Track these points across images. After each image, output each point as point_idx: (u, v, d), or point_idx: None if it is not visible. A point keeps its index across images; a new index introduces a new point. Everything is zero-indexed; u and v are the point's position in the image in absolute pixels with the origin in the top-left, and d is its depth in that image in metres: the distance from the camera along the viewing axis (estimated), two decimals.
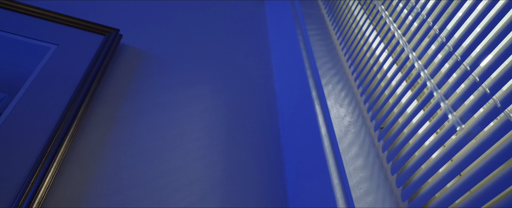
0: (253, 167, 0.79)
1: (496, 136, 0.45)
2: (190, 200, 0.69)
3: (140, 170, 0.71)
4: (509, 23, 0.47)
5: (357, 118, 0.74)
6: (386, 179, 0.61)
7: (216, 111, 0.90)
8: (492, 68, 0.48)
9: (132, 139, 0.76)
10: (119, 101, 0.84)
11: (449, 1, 0.60)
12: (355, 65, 0.87)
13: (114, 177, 0.69)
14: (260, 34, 1.30)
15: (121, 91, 0.87)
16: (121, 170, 0.70)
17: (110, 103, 0.83)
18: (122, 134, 0.77)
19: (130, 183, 0.68)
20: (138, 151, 0.75)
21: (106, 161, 0.71)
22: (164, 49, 1.04)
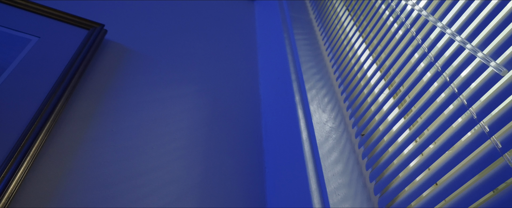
0: (233, 169, 0.78)
1: (472, 147, 0.46)
2: (167, 200, 0.68)
3: (117, 168, 0.69)
4: (488, 36, 0.48)
5: (339, 124, 0.74)
6: (365, 186, 0.62)
7: (199, 112, 0.89)
8: (470, 79, 0.48)
9: (111, 136, 0.75)
10: (100, 97, 0.82)
11: (433, 11, 0.61)
12: (340, 71, 0.88)
13: (90, 174, 0.67)
14: (248, 35, 1.29)
15: (103, 87, 0.85)
16: (98, 167, 0.68)
17: (90, 99, 0.81)
18: (101, 130, 0.75)
19: (106, 181, 0.67)
20: (116, 149, 0.73)
21: (83, 157, 0.69)
22: (150, 47, 1.03)
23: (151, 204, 0.66)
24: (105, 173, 0.68)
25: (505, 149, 0.40)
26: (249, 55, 1.18)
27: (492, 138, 0.43)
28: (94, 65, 0.90)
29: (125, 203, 0.65)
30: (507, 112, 0.41)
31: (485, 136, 0.43)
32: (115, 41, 1.00)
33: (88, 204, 0.62)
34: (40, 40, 0.89)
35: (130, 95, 0.86)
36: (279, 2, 1.20)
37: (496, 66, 0.44)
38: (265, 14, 1.30)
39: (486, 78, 0.46)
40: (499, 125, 0.42)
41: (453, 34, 0.54)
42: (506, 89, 0.42)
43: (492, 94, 0.44)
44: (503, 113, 0.42)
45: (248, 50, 1.21)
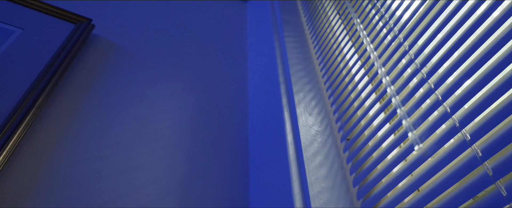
0: (217, 170, 0.77)
1: (453, 154, 0.46)
2: (148, 199, 0.67)
3: (98, 166, 0.68)
4: (473, 45, 0.48)
5: (325, 127, 0.74)
6: (348, 191, 0.61)
7: (185, 111, 0.88)
8: (454, 87, 0.49)
9: (93, 132, 0.73)
10: (83, 93, 0.80)
11: (420, 19, 0.61)
12: (328, 74, 0.88)
13: (70, 171, 0.65)
14: (238, 36, 1.29)
15: (88, 82, 0.83)
16: (77, 164, 0.67)
17: (74, 94, 0.79)
18: (83, 126, 0.73)
19: (86, 179, 0.65)
20: (98, 146, 0.71)
21: (63, 154, 0.68)
22: (138, 44, 1.01)
23: (132, 203, 0.65)
24: (85, 170, 0.66)
25: (485, 157, 0.40)
26: (239, 56, 1.18)
27: (473, 146, 0.43)
28: (79, 60, 0.88)
29: (104, 201, 0.64)
30: (488, 121, 0.41)
31: (466, 144, 0.44)
32: (102, 37, 0.98)
33: (66, 201, 0.61)
34: (24, 32, 0.86)
35: (115, 92, 0.84)
36: (271, 4, 1.20)
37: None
38: (257, 15, 1.30)
39: (469, 86, 0.46)
40: (480, 133, 0.42)
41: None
42: (488, 98, 0.43)
43: (474, 103, 0.45)
44: (484, 122, 0.42)
45: (238, 51, 1.20)
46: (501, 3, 0.45)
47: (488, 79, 0.43)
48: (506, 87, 0.41)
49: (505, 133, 0.39)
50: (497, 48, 0.43)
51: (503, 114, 0.40)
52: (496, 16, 0.45)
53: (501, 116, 0.40)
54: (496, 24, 0.45)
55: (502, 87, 0.41)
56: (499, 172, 0.38)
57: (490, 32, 0.46)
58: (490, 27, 0.46)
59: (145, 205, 0.65)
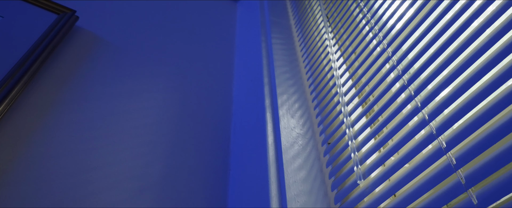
0: (197, 169, 0.76)
1: (429, 161, 0.46)
2: (124, 196, 0.65)
3: (74, 160, 0.66)
4: (453, 54, 0.49)
5: (307, 130, 0.73)
6: (326, 195, 0.61)
7: (168, 108, 0.87)
8: (433, 95, 0.49)
9: (69, 126, 0.71)
10: (63, 85, 0.78)
11: (403, 27, 0.62)
12: (313, 77, 0.88)
13: (44, 164, 0.63)
14: (227, 36, 1.28)
15: (67, 75, 0.81)
16: (52, 157, 0.65)
17: (52, 86, 0.77)
18: (59, 119, 0.71)
19: (60, 173, 0.63)
20: (75, 140, 0.70)
21: (37, 146, 0.65)
22: (123, 38, 0.99)
23: (107, 199, 0.63)
24: (58, 164, 0.64)
25: (458, 165, 0.41)
26: (226, 56, 1.17)
27: (448, 154, 0.43)
28: (60, 52, 0.86)
29: (78, 196, 0.62)
30: (464, 130, 0.42)
31: (441, 152, 0.44)
32: (86, 29, 0.96)
33: (37, 196, 0.59)
34: (3, 20, 0.84)
35: (96, 85, 0.82)
36: (260, 5, 1.20)
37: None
38: (246, 16, 1.29)
39: (447, 95, 0.47)
40: (455, 141, 0.42)
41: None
42: (465, 107, 0.43)
43: (451, 111, 0.45)
44: (459, 130, 0.43)
45: (225, 50, 1.19)
46: (481, 14, 0.46)
47: (466, 88, 0.44)
48: (482, 96, 0.41)
49: (479, 142, 0.39)
50: (475, 58, 0.44)
51: (478, 123, 0.40)
52: (476, 26, 0.46)
53: (476, 125, 0.40)
54: (475, 34, 0.46)
55: (479, 97, 0.42)
56: (471, 181, 0.39)
57: (469, 42, 0.46)
58: (469, 38, 0.46)
59: (120, 202, 0.63)
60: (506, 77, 0.39)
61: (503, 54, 0.40)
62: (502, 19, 0.53)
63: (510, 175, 0.36)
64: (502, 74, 0.39)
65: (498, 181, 0.36)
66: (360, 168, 0.63)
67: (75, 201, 0.61)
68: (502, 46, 0.41)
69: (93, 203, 0.62)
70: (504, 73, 0.39)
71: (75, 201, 0.61)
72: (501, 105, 0.38)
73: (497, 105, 0.39)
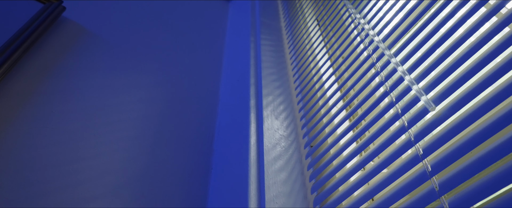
0: (178, 167, 0.75)
1: (406, 167, 0.47)
2: (102, 190, 0.64)
3: (52, 151, 0.65)
4: (434, 63, 0.49)
5: (290, 132, 0.74)
6: (305, 197, 0.62)
7: (152, 104, 0.86)
8: (413, 102, 0.50)
9: (49, 117, 0.70)
10: (44, 75, 0.77)
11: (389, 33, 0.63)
12: (300, 80, 0.88)
13: (20, 156, 0.62)
14: (217, 35, 1.27)
15: (50, 65, 0.79)
16: (27, 148, 0.63)
17: (33, 76, 0.75)
18: (38, 110, 0.70)
19: (37, 164, 0.62)
20: (54, 131, 0.68)
21: (14, 136, 0.64)
22: (110, 31, 0.98)
23: (84, 192, 0.62)
24: (34, 155, 0.63)
25: (433, 172, 0.42)
26: (215, 55, 1.17)
27: (424, 161, 0.44)
28: (45, 42, 0.84)
29: (54, 188, 0.61)
30: (440, 137, 0.43)
31: (418, 159, 0.45)
32: (73, 20, 0.94)
33: (15, 186, 0.57)
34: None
35: (79, 77, 0.81)
36: (252, 5, 1.20)
37: (427, 101, 0.46)
38: (237, 16, 1.29)
39: (420, 108, 0.48)
40: (432, 149, 0.43)
41: (396, 63, 0.56)
42: (443, 115, 0.44)
43: (430, 119, 0.46)
44: (436, 138, 0.43)
45: (214, 50, 1.19)
46: (463, 24, 0.47)
47: (445, 96, 0.45)
48: (460, 105, 0.42)
49: (453, 150, 0.40)
50: (455, 67, 0.45)
51: (454, 131, 0.41)
52: (458, 36, 0.47)
53: (451, 133, 0.41)
54: (456, 45, 0.47)
55: (456, 106, 0.42)
56: (444, 188, 0.39)
57: (451, 51, 0.47)
58: (449, 48, 0.47)
59: (100, 195, 0.62)
60: (482, 88, 0.40)
61: (481, 65, 0.41)
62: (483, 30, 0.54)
63: (480, 183, 0.36)
64: (479, 85, 0.40)
65: (470, 189, 0.37)
66: (340, 172, 0.64)
67: (50, 193, 0.60)
68: (481, 57, 0.42)
69: (69, 196, 0.61)
70: (480, 84, 0.40)
71: (50, 193, 0.60)
72: (476, 114, 0.39)
73: (472, 114, 0.40)
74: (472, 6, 0.47)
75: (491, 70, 0.40)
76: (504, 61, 0.39)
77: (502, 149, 0.35)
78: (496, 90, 0.38)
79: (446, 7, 0.52)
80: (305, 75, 0.88)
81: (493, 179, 0.36)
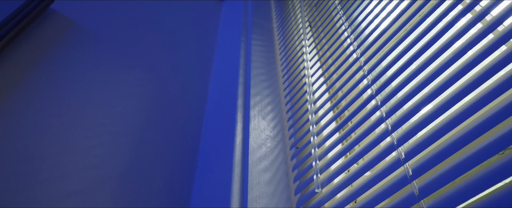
0: (163, 164, 0.75)
1: (388, 170, 0.47)
2: (82, 186, 0.63)
3: (30, 145, 0.63)
4: (417, 69, 0.50)
5: (277, 133, 0.74)
6: (288, 199, 0.61)
7: (139, 100, 0.85)
8: (397, 106, 0.50)
9: (31, 110, 0.68)
10: (28, 67, 0.75)
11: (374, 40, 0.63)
12: (289, 81, 0.88)
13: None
14: (209, 34, 1.27)
15: (35, 57, 0.78)
16: (6, 141, 0.62)
17: (17, 67, 0.74)
18: (21, 102, 0.68)
19: (13, 157, 0.61)
20: (36, 124, 0.67)
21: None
22: (100, 25, 0.97)
23: (63, 187, 0.61)
24: (15, 148, 0.62)
25: (414, 176, 0.42)
26: (206, 53, 1.16)
27: (406, 165, 0.44)
28: (30, 34, 0.82)
29: (31, 183, 0.59)
30: (422, 142, 0.43)
31: (400, 162, 0.45)
32: (61, 13, 0.92)
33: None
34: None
35: (65, 71, 0.80)
36: (244, 5, 1.20)
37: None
38: (230, 15, 1.29)
39: (411, 107, 0.48)
40: (413, 153, 0.43)
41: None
42: (425, 120, 0.44)
43: (412, 124, 0.46)
44: (418, 143, 0.44)
45: (205, 48, 1.18)
46: (449, 30, 0.48)
47: (427, 102, 0.45)
48: (442, 110, 0.42)
49: (434, 155, 0.40)
50: (438, 74, 0.45)
51: (435, 136, 0.41)
52: (443, 41, 0.48)
53: (433, 138, 0.42)
54: (441, 50, 0.47)
55: (439, 111, 0.43)
56: (424, 192, 0.40)
57: (434, 57, 0.48)
58: (434, 54, 0.48)
59: (79, 191, 0.61)
60: (464, 93, 0.40)
61: (463, 72, 0.42)
62: (470, 34, 0.55)
63: (459, 188, 0.37)
64: (461, 91, 0.41)
65: (448, 194, 0.38)
66: (319, 177, 0.64)
67: (29, 187, 0.58)
68: (463, 64, 0.42)
69: (47, 191, 0.59)
70: (462, 90, 0.41)
71: (29, 187, 0.58)
72: (457, 120, 0.39)
73: (453, 120, 0.40)
74: (458, 12, 0.47)
75: (473, 77, 0.40)
76: (487, 68, 0.39)
77: (481, 154, 0.36)
78: (477, 97, 0.39)
79: (433, 13, 0.53)
80: (294, 76, 0.88)
81: (471, 184, 0.36)
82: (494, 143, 0.35)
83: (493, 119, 0.36)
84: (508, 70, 0.38)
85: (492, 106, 0.43)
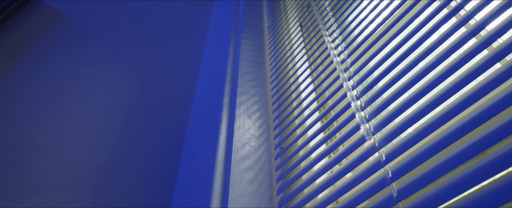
0: (145, 161, 0.73)
1: (369, 172, 0.47)
2: (61, 180, 0.61)
3: (9, 135, 0.62)
4: (401, 72, 0.50)
5: (262, 133, 0.73)
6: (270, 199, 0.61)
7: (125, 95, 0.84)
8: (380, 109, 0.50)
9: (11, 100, 0.67)
10: (10, 57, 0.74)
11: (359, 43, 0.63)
12: (277, 81, 0.88)
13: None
14: (199, 32, 1.26)
15: (19, 48, 0.76)
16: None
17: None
18: (1, 92, 0.67)
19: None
20: (14, 115, 0.65)
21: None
22: (86, 18, 0.95)
23: (41, 181, 0.60)
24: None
25: (393, 179, 0.42)
26: (195, 51, 1.15)
27: (386, 167, 0.44)
28: (13, 23, 0.80)
29: (8, 175, 0.58)
30: (402, 145, 0.43)
31: (380, 164, 0.45)
32: (46, 3, 0.91)
33: None
34: None
35: (48, 62, 0.78)
36: (236, 4, 1.19)
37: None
38: (221, 14, 1.28)
39: (394, 109, 0.48)
40: (393, 156, 0.43)
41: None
42: (406, 123, 0.44)
43: (394, 127, 0.46)
44: (399, 145, 0.44)
45: (195, 46, 1.17)
46: (431, 36, 0.48)
47: (408, 105, 0.45)
48: (423, 113, 0.43)
49: (414, 158, 0.41)
50: (420, 77, 0.46)
51: (414, 139, 0.41)
52: (426, 46, 0.48)
53: (412, 141, 0.42)
54: (423, 55, 0.47)
55: (420, 114, 0.43)
56: (402, 194, 0.40)
57: (417, 61, 0.48)
58: (416, 59, 0.48)
59: (57, 184, 0.60)
60: (444, 97, 0.41)
61: (444, 76, 0.42)
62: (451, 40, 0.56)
63: (436, 191, 0.37)
64: (442, 95, 0.41)
65: (425, 197, 0.38)
66: (307, 174, 0.64)
67: (6, 179, 0.57)
68: (445, 68, 0.43)
69: (25, 183, 0.58)
70: (442, 94, 0.41)
71: (6, 178, 0.57)
72: (437, 123, 0.40)
73: (433, 123, 0.40)
74: (442, 18, 0.48)
75: (454, 81, 0.41)
76: (468, 72, 0.40)
77: (458, 158, 0.36)
78: (457, 101, 0.39)
79: (417, 18, 0.53)
80: (282, 76, 0.88)
81: (449, 187, 0.36)
82: (472, 146, 0.35)
83: (472, 122, 0.37)
84: (488, 75, 0.38)
85: (472, 109, 0.44)
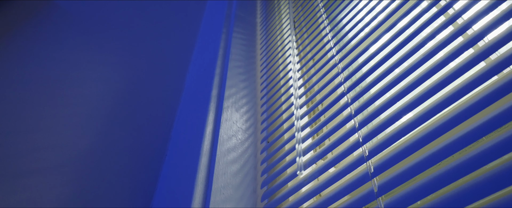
0: (130, 151, 0.73)
1: (352, 167, 0.47)
2: (40, 165, 0.61)
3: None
4: (385, 71, 0.50)
5: (249, 126, 0.73)
6: (254, 192, 0.61)
7: (113, 84, 0.83)
8: (366, 105, 0.51)
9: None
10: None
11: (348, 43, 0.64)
12: (267, 75, 0.88)
13: None
14: (192, 22, 1.25)
15: (6, 31, 0.74)
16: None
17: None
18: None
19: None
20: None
21: None
22: (79, 4, 0.94)
23: (19, 166, 0.58)
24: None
25: (375, 174, 0.42)
26: (187, 43, 1.14)
27: (368, 162, 0.45)
28: (2, 7, 0.79)
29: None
30: (385, 141, 0.43)
31: (363, 160, 0.45)
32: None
33: None
34: None
35: (36, 47, 0.76)
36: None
37: None
38: (214, 7, 1.27)
39: (379, 105, 0.49)
40: (376, 151, 0.44)
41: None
42: (389, 120, 0.45)
43: (378, 123, 0.47)
44: (381, 142, 0.44)
45: (187, 38, 1.16)
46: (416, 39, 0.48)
47: (392, 103, 0.46)
48: (407, 110, 0.43)
49: (395, 154, 0.41)
50: (404, 76, 0.46)
51: (397, 136, 0.42)
52: (415, 43, 0.48)
53: (395, 137, 0.42)
54: (409, 54, 0.48)
55: (401, 112, 0.43)
56: (383, 189, 0.40)
57: (403, 60, 0.48)
58: (401, 58, 0.48)
59: (36, 170, 0.59)
60: (427, 96, 0.41)
61: (428, 74, 0.42)
62: (438, 39, 0.56)
63: (416, 187, 0.37)
64: (425, 93, 0.41)
65: (405, 192, 0.38)
66: (291, 168, 0.64)
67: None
68: (431, 66, 0.43)
69: (9, 166, 0.57)
70: (426, 92, 0.41)
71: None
72: (420, 120, 0.40)
73: (416, 120, 0.41)
74: (430, 17, 0.48)
75: (438, 79, 0.41)
76: (453, 70, 0.40)
77: (439, 154, 0.36)
78: (439, 99, 0.40)
79: (405, 17, 0.53)
80: (271, 71, 0.88)
81: (428, 183, 0.37)
82: (451, 144, 0.36)
83: (453, 120, 0.37)
84: (473, 73, 0.38)
85: (454, 107, 0.44)
